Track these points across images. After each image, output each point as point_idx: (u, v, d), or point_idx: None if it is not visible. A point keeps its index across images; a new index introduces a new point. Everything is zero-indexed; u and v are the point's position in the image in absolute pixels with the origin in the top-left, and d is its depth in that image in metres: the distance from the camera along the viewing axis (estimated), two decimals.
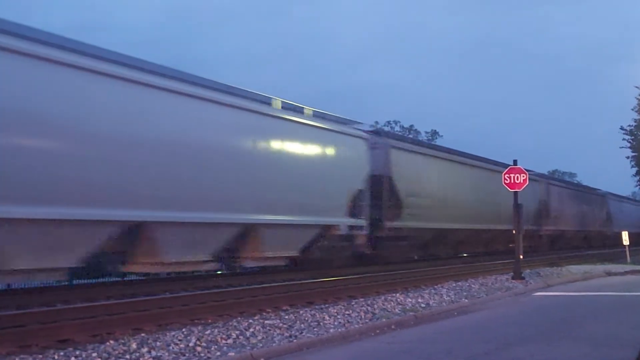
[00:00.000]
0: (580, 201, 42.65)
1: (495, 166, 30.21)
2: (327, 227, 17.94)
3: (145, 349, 7.58)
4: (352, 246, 19.42)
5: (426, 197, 23.35)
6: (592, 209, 45.16)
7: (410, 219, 22.18)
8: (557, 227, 37.22)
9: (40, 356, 7.22)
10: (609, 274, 20.44)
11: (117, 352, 7.43)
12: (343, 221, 18.51)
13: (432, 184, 24.20)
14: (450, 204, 25.26)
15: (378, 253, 21.28)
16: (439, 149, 28.50)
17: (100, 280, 15.17)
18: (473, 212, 27.15)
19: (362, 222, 19.34)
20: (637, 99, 33.76)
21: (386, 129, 60.58)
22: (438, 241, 25.87)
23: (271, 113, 16.14)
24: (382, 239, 21.03)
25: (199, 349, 7.75)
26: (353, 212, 18.98)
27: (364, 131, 20.93)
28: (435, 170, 24.87)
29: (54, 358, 7.17)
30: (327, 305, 11.83)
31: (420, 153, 24.51)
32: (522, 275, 17.85)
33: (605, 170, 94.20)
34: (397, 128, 67.61)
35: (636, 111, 34.14)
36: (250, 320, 9.79)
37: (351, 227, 18.90)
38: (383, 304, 12.00)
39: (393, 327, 9.91)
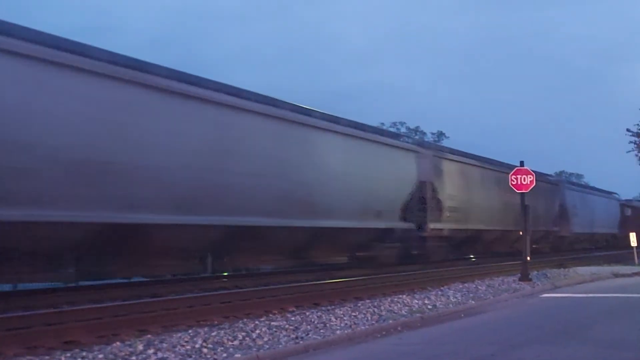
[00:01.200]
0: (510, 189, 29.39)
1: (295, 113, 17.36)
2: None
3: (151, 351, 7.57)
4: None
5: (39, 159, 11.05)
6: (536, 201, 31.38)
7: None
8: (463, 224, 25.02)
9: (47, 357, 7.23)
10: (617, 275, 20.33)
11: (123, 353, 7.42)
12: None
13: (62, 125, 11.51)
14: (141, 175, 12.80)
15: None
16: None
17: (106, 282, 15.18)
18: (196, 192, 13.95)
19: None
20: None
21: (392, 130, 57.38)
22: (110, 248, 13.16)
23: None
24: None
25: (205, 350, 7.74)
26: None
27: None
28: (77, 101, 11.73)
29: (60, 359, 7.17)
30: (333, 307, 11.81)
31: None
32: (530, 276, 17.78)
33: (614, 171, 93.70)
34: (402, 129, 67.36)
35: None
36: (257, 322, 9.78)
37: None
38: (389, 306, 11.97)
39: (399, 328, 9.87)
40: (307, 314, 10.81)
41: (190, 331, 8.89)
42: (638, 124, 33.53)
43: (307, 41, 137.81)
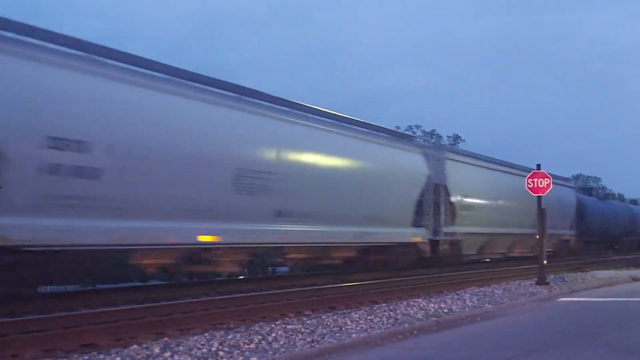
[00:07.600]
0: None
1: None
2: None
3: (168, 354, 7.61)
4: None
5: None
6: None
7: None
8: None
9: None
10: (635, 279, 20.12)
11: (140, 356, 7.47)
12: None
13: None
14: None
15: None
16: None
17: (123, 285, 15.28)
18: None
19: None
20: None
21: (408, 133, 56.57)
22: None
23: None
24: None
25: (221, 353, 7.76)
26: None
27: None
28: None
29: None
30: (349, 311, 11.79)
31: None
32: (547, 280, 17.65)
33: (631, 174, 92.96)
34: (418, 132, 67.13)
35: None
36: (273, 325, 9.79)
37: None
38: (405, 310, 11.93)
39: (415, 332, 9.84)
40: (323, 317, 10.80)
41: (206, 334, 8.92)
42: None
43: (324, 46, 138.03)
